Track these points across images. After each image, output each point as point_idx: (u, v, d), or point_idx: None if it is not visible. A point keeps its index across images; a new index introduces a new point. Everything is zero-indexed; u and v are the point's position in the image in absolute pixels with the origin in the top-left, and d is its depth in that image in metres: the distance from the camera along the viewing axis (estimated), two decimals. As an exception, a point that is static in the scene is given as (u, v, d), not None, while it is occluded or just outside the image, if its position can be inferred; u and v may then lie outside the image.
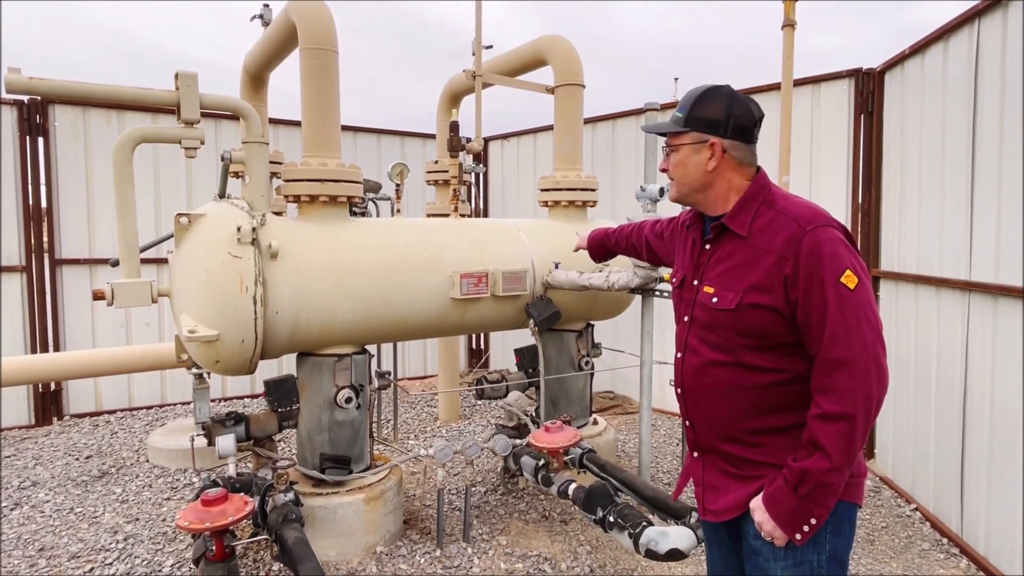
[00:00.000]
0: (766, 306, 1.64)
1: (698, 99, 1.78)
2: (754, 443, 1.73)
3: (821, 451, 1.55)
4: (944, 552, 3.53)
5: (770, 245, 1.65)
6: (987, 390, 3.31)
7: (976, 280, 3.37)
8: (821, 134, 5.01)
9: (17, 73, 2.78)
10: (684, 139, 1.80)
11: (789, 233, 1.63)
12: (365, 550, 3.49)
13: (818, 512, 1.60)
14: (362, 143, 7.17)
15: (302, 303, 3.26)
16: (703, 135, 1.76)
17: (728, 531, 1.89)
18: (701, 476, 1.88)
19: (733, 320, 1.69)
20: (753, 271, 1.67)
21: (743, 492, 1.74)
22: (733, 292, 1.69)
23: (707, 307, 1.77)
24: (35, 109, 5.62)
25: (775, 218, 1.68)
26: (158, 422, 5.84)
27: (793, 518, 1.61)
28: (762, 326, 1.66)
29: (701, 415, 1.83)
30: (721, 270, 1.76)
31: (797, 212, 1.66)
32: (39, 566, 3.42)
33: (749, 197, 1.75)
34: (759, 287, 1.65)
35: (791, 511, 1.61)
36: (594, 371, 4.59)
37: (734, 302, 1.68)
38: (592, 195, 4.59)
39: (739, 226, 1.73)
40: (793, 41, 3.94)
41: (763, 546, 1.70)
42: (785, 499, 1.61)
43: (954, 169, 3.58)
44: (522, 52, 4.89)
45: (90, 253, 5.92)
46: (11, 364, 4.36)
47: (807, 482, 1.57)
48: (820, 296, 1.57)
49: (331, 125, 3.59)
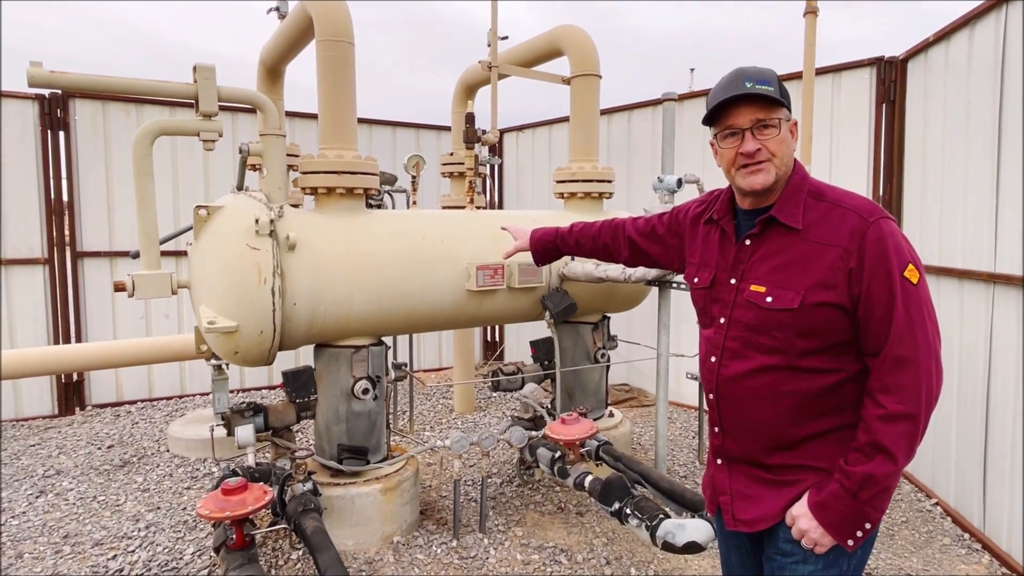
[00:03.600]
0: (831, 304, 1.52)
1: (770, 75, 1.58)
2: (797, 450, 1.64)
3: (884, 453, 1.48)
4: (966, 547, 3.49)
5: (831, 239, 1.54)
6: (1011, 383, 3.25)
7: (1001, 272, 3.31)
8: (842, 123, 4.93)
9: (39, 67, 2.81)
10: (781, 113, 1.58)
11: (852, 225, 1.53)
12: (382, 540, 3.52)
13: (874, 516, 1.54)
14: (377, 136, 7.18)
15: (319, 294, 3.27)
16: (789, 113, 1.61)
17: (751, 536, 1.79)
18: (728, 484, 1.76)
19: (794, 320, 1.55)
20: (815, 267, 1.54)
21: (780, 500, 1.65)
22: (793, 291, 1.55)
23: (758, 307, 1.61)
24: (56, 103, 5.69)
25: (830, 210, 1.57)
26: (178, 412, 5.92)
27: (847, 524, 1.54)
28: (826, 326, 1.55)
29: (738, 423, 1.70)
30: (771, 267, 1.61)
31: (854, 203, 1.57)
32: (64, 553, 3.49)
33: (795, 188, 1.62)
34: (824, 284, 1.53)
35: (846, 517, 1.53)
36: (610, 363, 4.58)
37: (796, 301, 1.54)
38: (608, 186, 4.56)
39: (791, 219, 1.59)
40: (815, 28, 3.87)
41: (794, 548, 1.63)
42: (841, 505, 1.53)
43: (978, 159, 3.51)
44: (538, 43, 4.86)
45: (111, 246, 5.99)
46: (34, 355, 4.44)
47: (870, 487, 1.50)
48: (886, 290, 1.49)
49: (347, 117, 3.59)
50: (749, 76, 1.57)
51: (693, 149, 5.67)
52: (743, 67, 1.61)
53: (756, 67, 1.60)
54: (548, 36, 4.76)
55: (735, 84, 1.57)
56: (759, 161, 1.59)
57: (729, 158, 1.64)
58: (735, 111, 1.59)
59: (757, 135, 1.58)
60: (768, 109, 1.57)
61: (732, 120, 1.60)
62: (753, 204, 1.68)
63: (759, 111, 1.57)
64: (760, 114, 1.57)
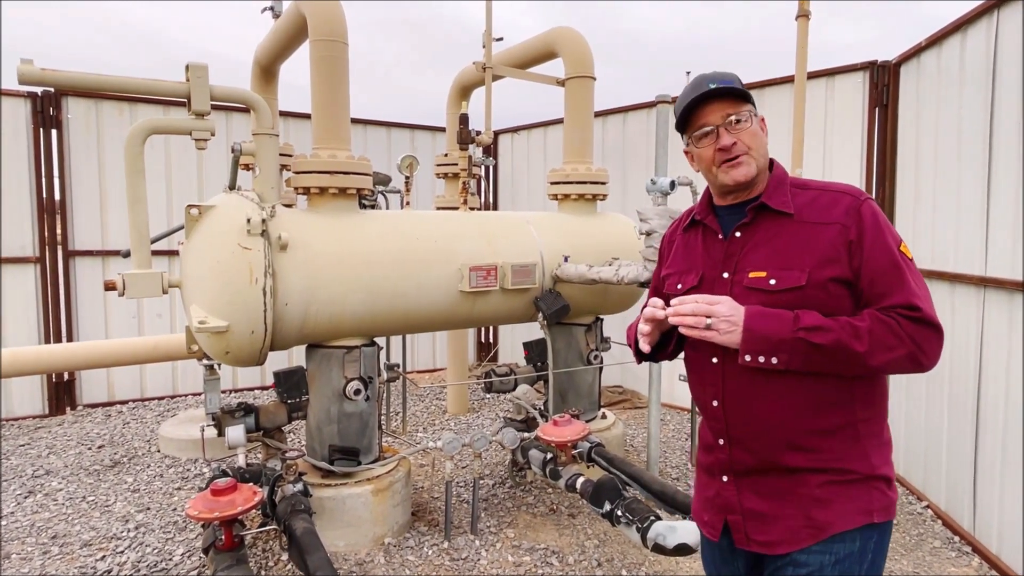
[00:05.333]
0: (837, 278, 1.53)
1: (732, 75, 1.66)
2: (811, 447, 1.57)
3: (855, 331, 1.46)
4: (956, 550, 3.50)
5: (827, 217, 1.57)
6: (1002, 387, 3.27)
7: (992, 276, 3.32)
8: (835, 127, 4.95)
9: (30, 64, 2.80)
10: (748, 108, 1.63)
11: (847, 203, 1.58)
12: (373, 541, 3.51)
13: (782, 357, 1.49)
14: (372, 136, 7.17)
15: (311, 295, 3.26)
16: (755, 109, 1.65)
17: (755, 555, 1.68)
18: (737, 503, 1.64)
19: (801, 298, 1.53)
20: (815, 246, 1.56)
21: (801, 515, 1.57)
22: (797, 270, 1.54)
23: (761, 292, 1.57)
24: (48, 101, 5.66)
25: (819, 196, 1.62)
26: (169, 413, 5.89)
27: (757, 340, 1.49)
28: (833, 303, 1.53)
29: (750, 426, 1.61)
30: (768, 252, 1.61)
31: (842, 187, 1.63)
32: (52, 553, 3.46)
33: (778, 180, 1.67)
34: (828, 259, 1.54)
35: (766, 334, 1.49)
36: (603, 365, 4.58)
37: (802, 279, 1.53)
38: (602, 188, 4.57)
39: (782, 205, 1.62)
40: (807, 32, 3.89)
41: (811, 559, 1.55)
42: (776, 322, 1.49)
43: (970, 162, 3.52)
44: (532, 44, 4.87)
45: (103, 245, 5.96)
46: (25, 354, 4.41)
47: (816, 335, 1.46)
48: (889, 258, 1.53)
49: (341, 117, 3.58)
50: (711, 78, 1.63)
51: (687, 152, 5.68)
52: (703, 73, 1.67)
53: (716, 71, 1.66)
54: (543, 38, 4.76)
55: (700, 86, 1.62)
56: (737, 155, 1.62)
57: (708, 157, 1.66)
58: (705, 111, 1.63)
59: (730, 130, 1.61)
60: (736, 104, 1.61)
61: (704, 119, 1.64)
62: (736, 199, 1.70)
63: (728, 107, 1.61)
64: (729, 109, 1.61)
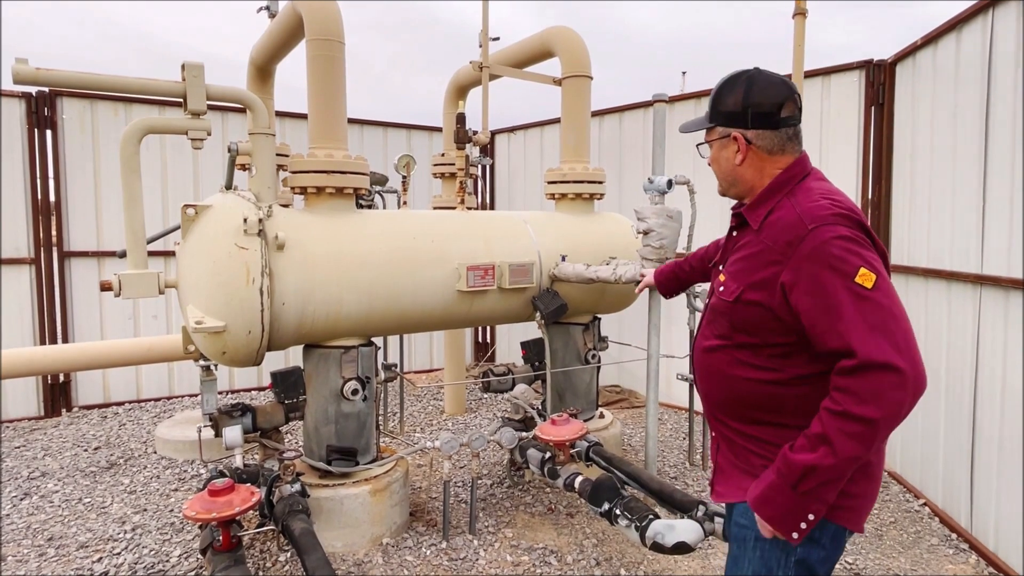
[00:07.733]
0: (758, 303, 1.61)
1: (718, 91, 1.76)
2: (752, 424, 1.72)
3: (829, 446, 1.43)
4: (953, 548, 3.51)
5: (774, 242, 1.59)
6: (998, 384, 3.28)
7: (988, 274, 3.33)
8: (831, 126, 4.96)
9: (24, 64, 2.78)
10: (713, 135, 1.79)
11: (791, 236, 1.55)
12: (371, 541, 3.50)
13: (817, 508, 1.50)
14: (369, 136, 7.16)
15: (308, 295, 3.25)
16: (726, 129, 1.74)
17: None
18: (715, 456, 1.88)
19: (730, 312, 1.70)
20: (756, 265, 1.64)
21: (744, 479, 1.73)
22: (736, 284, 1.68)
23: (716, 294, 1.80)
24: (43, 101, 5.63)
25: (787, 212, 1.60)
26: (166, 414, 5.87)
27: (790, 518, 1.52)
28: (756, 324, 1.64)
29: (704, 392, 1.87)
30: (735, 259, 1.75)
31: (806, 206, 1.57)
32: (48, 555, 3.45)
33: (773, 188, 1.70)
34: (756, 284, 1.62)
35: (789, 511, 1.52)
36: (600, 364, 4.58)
37: (733, 295, 1.68)
38: (599, 187, 4.57)
39: (753, 218, 1.72)
40: (804, 30, 3.89)
41: (740, 531, 1.72)
42: (782, 498, 1.52)
43: (966, 161, 3.53)
44: (529, 44, 4.86)
45: (98, 245, 5.94)
46: (20, 355, 4.38)
47: (810, 479, 1.46)
48: (831, 300, 1.46)
49: (337, 116, 3.57)
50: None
51: (683, 151, 5.68)
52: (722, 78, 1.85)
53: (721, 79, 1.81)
54: (539, 37, 4.76)
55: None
56: None
57: None
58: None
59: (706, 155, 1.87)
60: (708, 133, 1.83)
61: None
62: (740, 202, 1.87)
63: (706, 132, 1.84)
64: (706, 135, 1.85)
